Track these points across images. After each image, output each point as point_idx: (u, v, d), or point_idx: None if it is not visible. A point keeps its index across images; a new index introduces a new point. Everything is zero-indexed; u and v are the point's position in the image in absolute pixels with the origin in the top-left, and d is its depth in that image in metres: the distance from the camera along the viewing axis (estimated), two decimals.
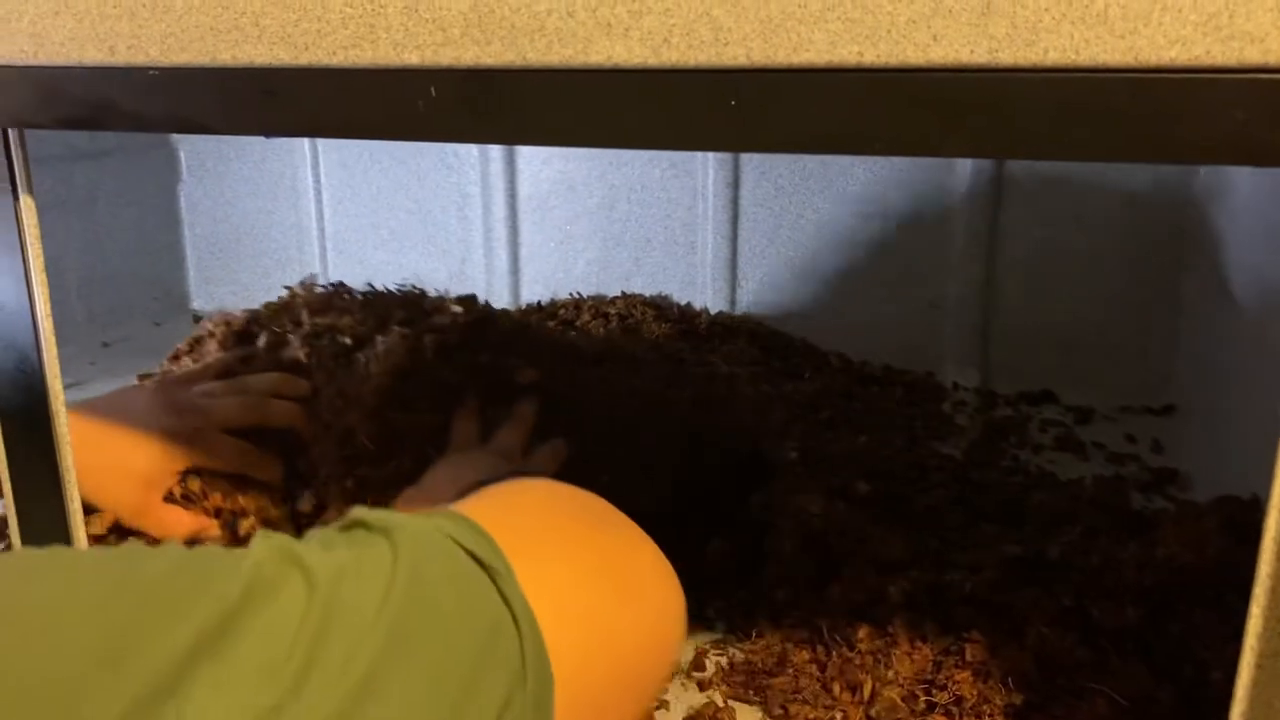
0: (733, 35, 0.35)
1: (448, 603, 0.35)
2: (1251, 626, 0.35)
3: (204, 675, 0.28)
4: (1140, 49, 0.31)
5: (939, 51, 0.33)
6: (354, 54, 0.40)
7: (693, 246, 1.27)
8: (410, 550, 0.36)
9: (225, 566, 0.32)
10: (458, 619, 0.35)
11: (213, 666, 0.29)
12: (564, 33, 0.37)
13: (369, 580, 0.34)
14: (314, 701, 0.30)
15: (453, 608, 0.35)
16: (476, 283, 1.36)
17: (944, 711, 0.56)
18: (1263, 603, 0.35)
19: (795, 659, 0.63)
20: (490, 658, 0.35)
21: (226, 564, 0.32)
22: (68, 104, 0.46)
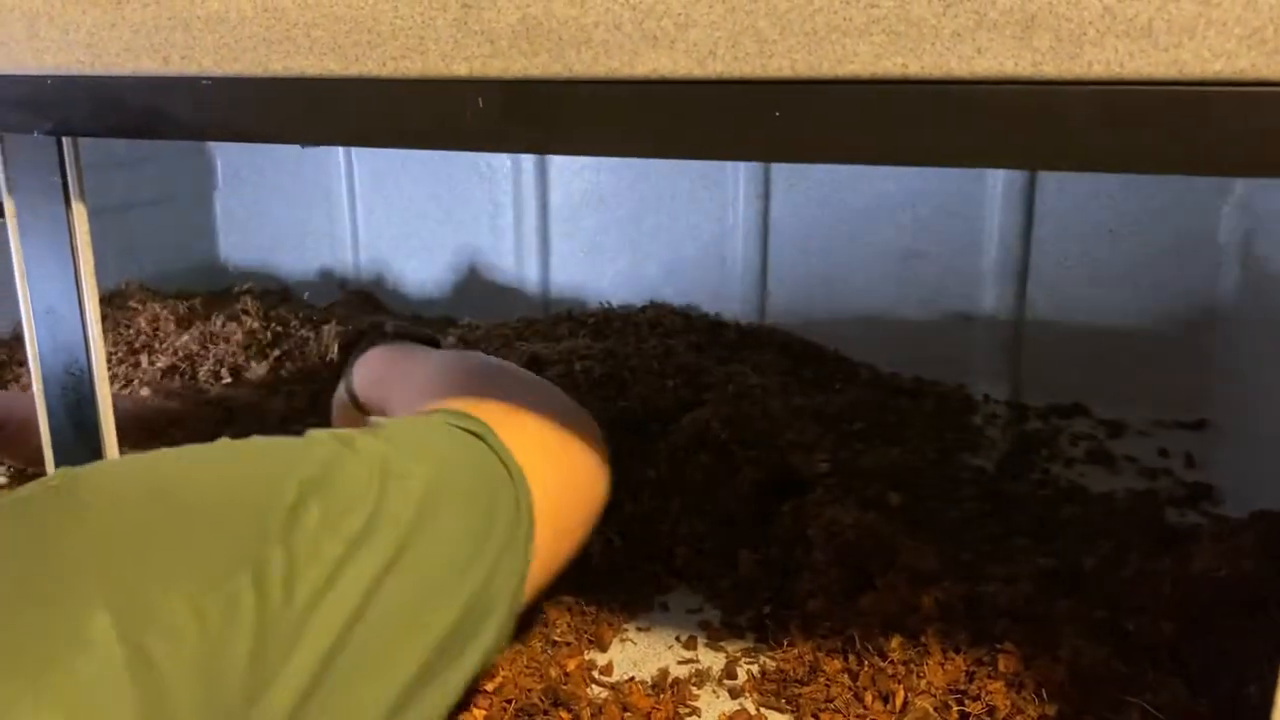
0: (777, 47, 0.35)
1: (461, 462, 0.51)
2: None
3: (312, 507, 0.42)
4: (1184, 62, 0.32)
5: (983, 64, 0.33)
6: (404, 65, 0.41)
7: (722, 257, 1.27)
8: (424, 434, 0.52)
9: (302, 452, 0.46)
10: (470, 472, 0.51)
11: (317, 502, 0.42)
12: (610, 45, 0.38)
13: (404, 450, 0.48)
14: (389, 525, 0.44)
15: (466, 464, 0.51)
16: (506, 292, 1.38)
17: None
18: None
19: (827, 668, 0.63)
20: (497, 501, 0.51)
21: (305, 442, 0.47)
22: (122, 113, 0.47)
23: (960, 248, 1.17)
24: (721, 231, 1.27)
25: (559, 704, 0.59)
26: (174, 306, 1.25)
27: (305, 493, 0.43)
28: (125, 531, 0.38)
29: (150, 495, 0.41)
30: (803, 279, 1.25)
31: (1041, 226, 1.12)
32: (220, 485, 0.43)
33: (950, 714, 0.57)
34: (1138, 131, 0.32)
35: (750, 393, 0.94)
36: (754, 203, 1.23)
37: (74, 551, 0.37)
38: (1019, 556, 0.73)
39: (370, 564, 0.43)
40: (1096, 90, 0.33)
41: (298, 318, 1.21)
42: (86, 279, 0.53)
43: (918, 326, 1.21)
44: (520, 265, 1.36)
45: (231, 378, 1.10)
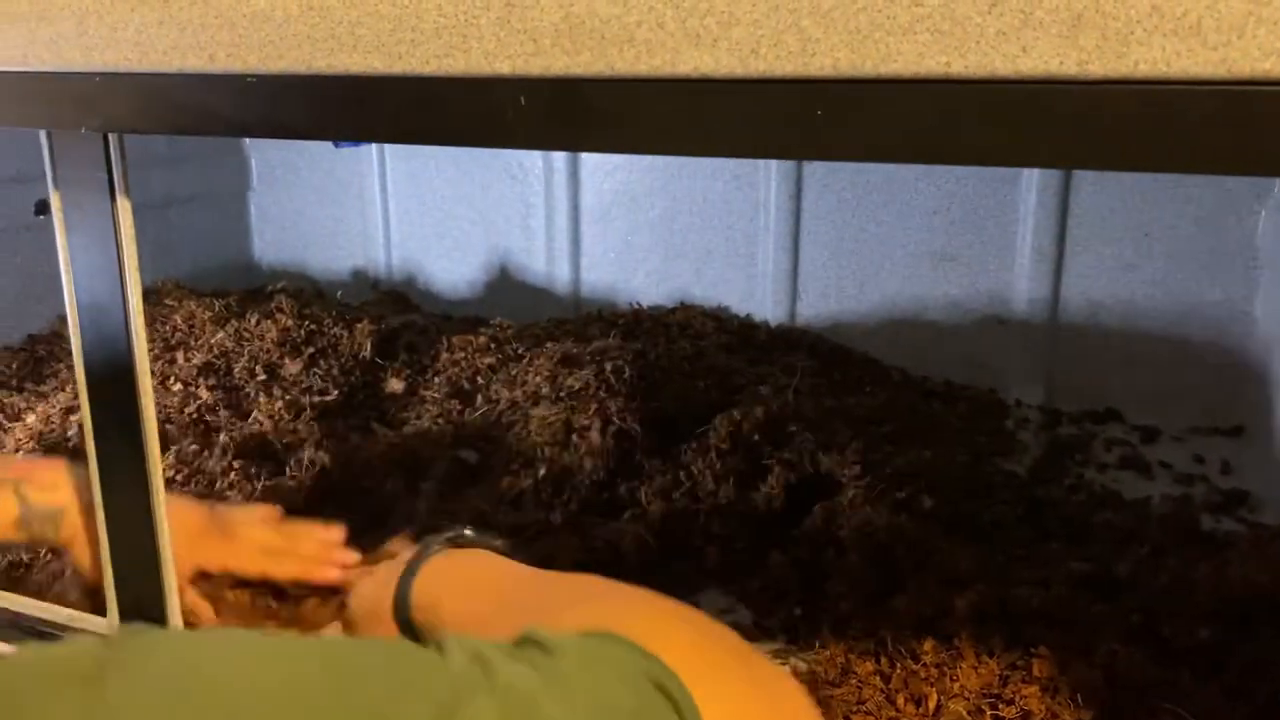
0: (820, 46, 0.35)
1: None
2: None
3: None
4: (1233, 61, 0.31)
5: (1028, 63, 0.33)
6: (446, 63, 0.41)
7: (753, 258, 1.27)
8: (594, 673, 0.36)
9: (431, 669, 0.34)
10: None
11: None
12: (653, 43, 0.38)
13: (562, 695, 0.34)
14: None
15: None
16: (537, 292, 1.38)
17: None
18: None
19: (859, 670, 0.63)
20: None
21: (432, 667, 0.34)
22: (169, 110, 0.47)
23: (993, 251, 1.16)
24: (753, 232, 1.26)
25: None
26: (209, 304, 1.26)
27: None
28: None
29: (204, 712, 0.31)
30: (834, 281, 1.24)
31: (1076, 229, 1.12)
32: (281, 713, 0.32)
33: (984, 718, 0.57)
34: (1185, 131, 0.32)
35: (781, 394, 0.94)
36: (785, 204, 1.23)
37: None
38: (1052, 561, 0.73)
39: None
40: (1144, 89, 0.32)
41: (330, 316, 1.22)
42: (130, 273, 0.54)
43: (949, 329, 1.20)
44: (551, 265, 1.36)
45: (266, 375, 1.11)
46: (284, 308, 1.21)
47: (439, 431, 0.97)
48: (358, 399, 1.09)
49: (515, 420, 0.93)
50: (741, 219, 1.26)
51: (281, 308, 1.21)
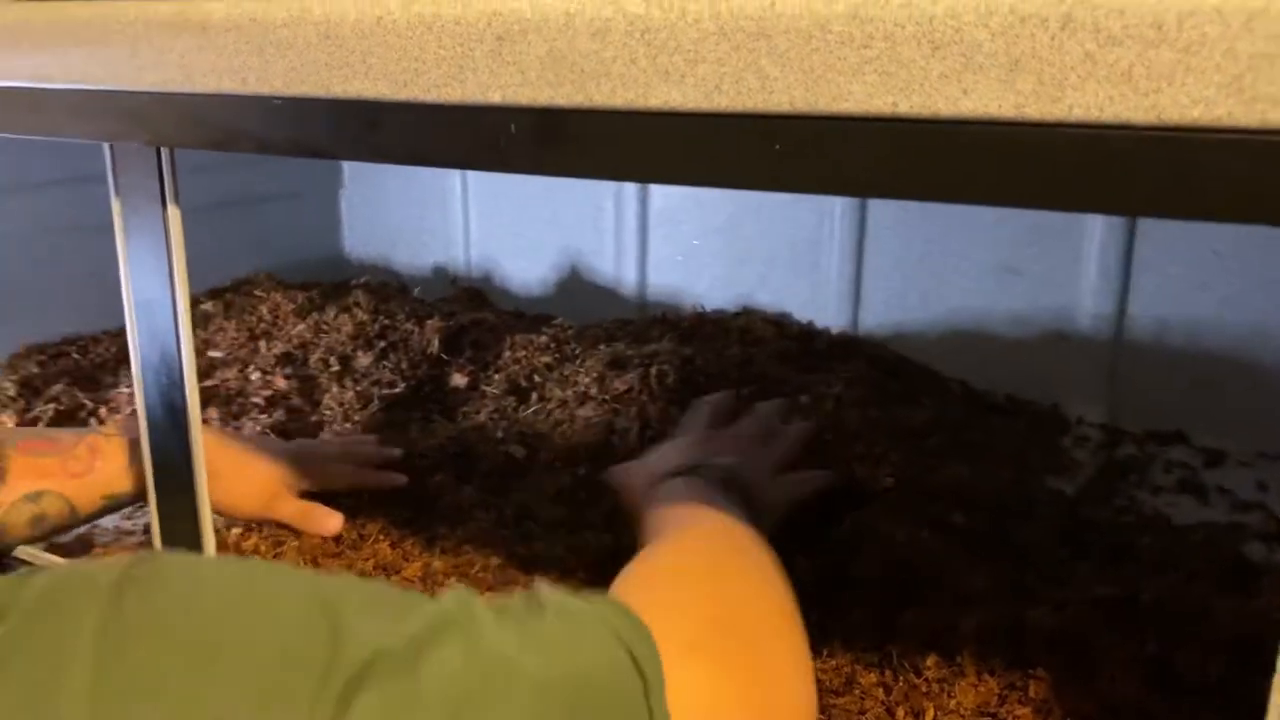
0: (778, 84, 0.37)
1: (597, 703, 0.39)
2: None
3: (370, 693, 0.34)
4: (1163, 108, 0.32)
5: (969, 104, 0.34)
6: (446, 91, 0.44)
7: (817, 266, 1.28)
8: (574, 638, 0.40)
9: (416, 609, 0.38)
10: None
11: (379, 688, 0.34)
12: (627, 78, 0.40)
13: (529, 660, 0.38)
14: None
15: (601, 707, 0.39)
16: (605, 293, 1.41)
17: None
18: None
19: (863, 680, 0.64)
20: None
21: (417, 608, 0.39)
22: (207, 127, 0.51)
23: (1059, 264, 1.14)
24: (817, 240, 1.27)
25: None
26: (293, 296, 1.33)
27: (373, 668, 0.35)
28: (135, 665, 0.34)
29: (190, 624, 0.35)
30: (898, 291, 1.24)
31: (1143, 246, 1.09)
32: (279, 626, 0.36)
33: None
34: (1118, 174, 0.33)
35: (823, 403, 0.95)
36: (850, 213, 1.23)
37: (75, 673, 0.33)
38: (1078, 583, 0.72)
39: None
40: (1078, 133, 0.33)
41: (404, 312, 1.27)
42: (179, 276, 0.58)
43: (1013, 343, 1.19)
44: (619, 267, 1.39)
45: (340, 366, 1.16)
46: (360, 302, 1.27)
47: (492, 426, 1.01)
48: (423, 392, 1.13)
49: (563, 420, 0.96)
50: (806, 226, 1.27)
51: (359, 302, 1.27)
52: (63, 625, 0.34)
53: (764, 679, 0.48)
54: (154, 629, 0.35)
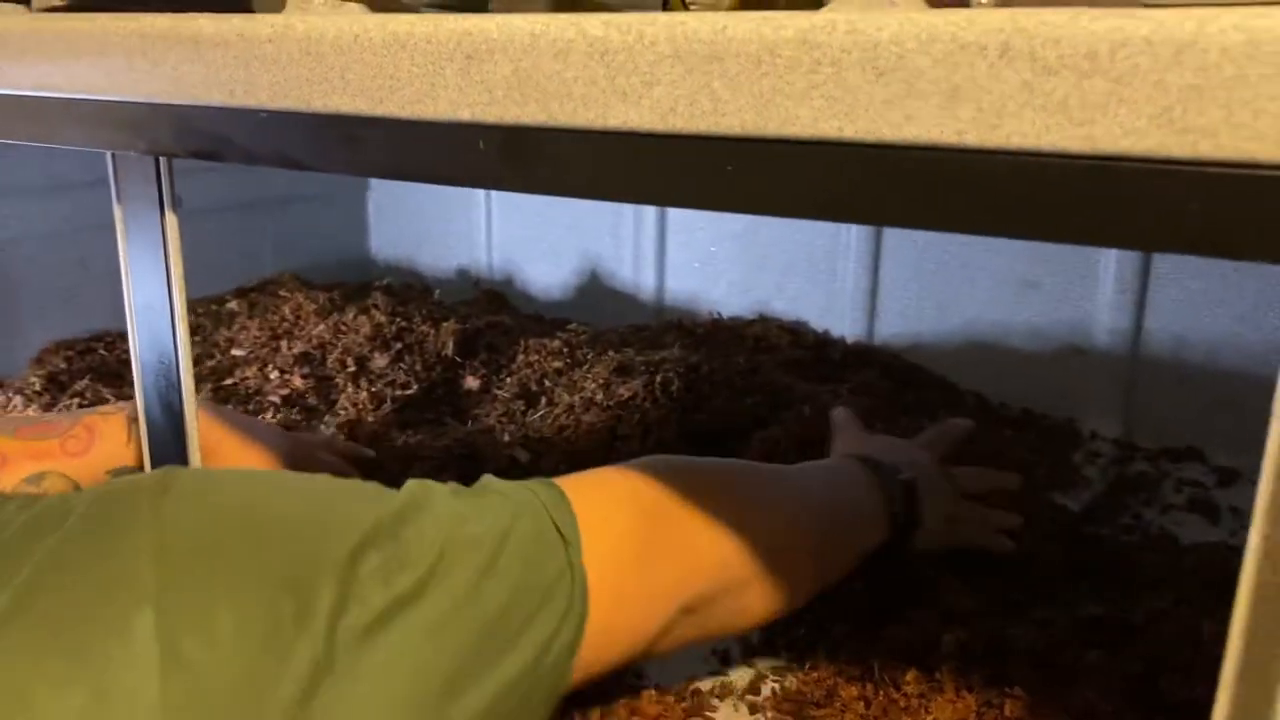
0: (729, 107, 0.38)
1: (531, 554, 0.51)
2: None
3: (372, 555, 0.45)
4: (1097, 138, 0.32)
5: (911, 130, 0.35)
6: (419, 108, 0.45)
7: (834, 274, 1.28)
8: (514, 512, 0.52)
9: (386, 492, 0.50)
10: (536, 567, 0.51)
11: (379, 553, 0.45)
12: (587, 98, 0.41)
13: (482, 523, 0.50)
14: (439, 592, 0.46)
15: (533, 557, 0.51)
16: (623, 298, 1.42)
17: None
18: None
19: (844, 693, 0.64)
20: (550, 597, 0.51)
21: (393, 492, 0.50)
22: (197, 138, 0.53)
23: (1076, 279, 1.13)
24: (834, 249, 1.27)
25: (575, 704, 0.62)
26: (316, 297, 1.35)
27: (370, 540, 0.45)
28: (193, 541, 0.43)
29: (227, 511, 0.45)
30: (913, 301, 1.24)
31: (1161, 262, 1.08)
32: (295, 515, 0.46)
33: None
34: (1054, 202, 0.33)
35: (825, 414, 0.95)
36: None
37: (142, 550, 0.41)
38: (1070, 601, 0.72)
39: (413, 623, 0.45)
40: (1016, 160, 0.33)
41: (421, 314, 1.28)
42: (176, 279, 0.60)
43: (1029, 357, 1.18)
44: (637, 273, 1.40)
45: (356, 366, 1.18)
46: (379, 304, 1.29)
47: (500, 429, 1.02)
48: (436, 394, 1.15)
49: (568, 425, 0.97)
50: (823, 235, 1.27)
51: (377, 304, 1.29)
52: (119, 521, 0.43)
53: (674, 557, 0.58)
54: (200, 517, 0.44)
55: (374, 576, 0.44)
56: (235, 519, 0.45)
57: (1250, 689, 0.35)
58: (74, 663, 0.38)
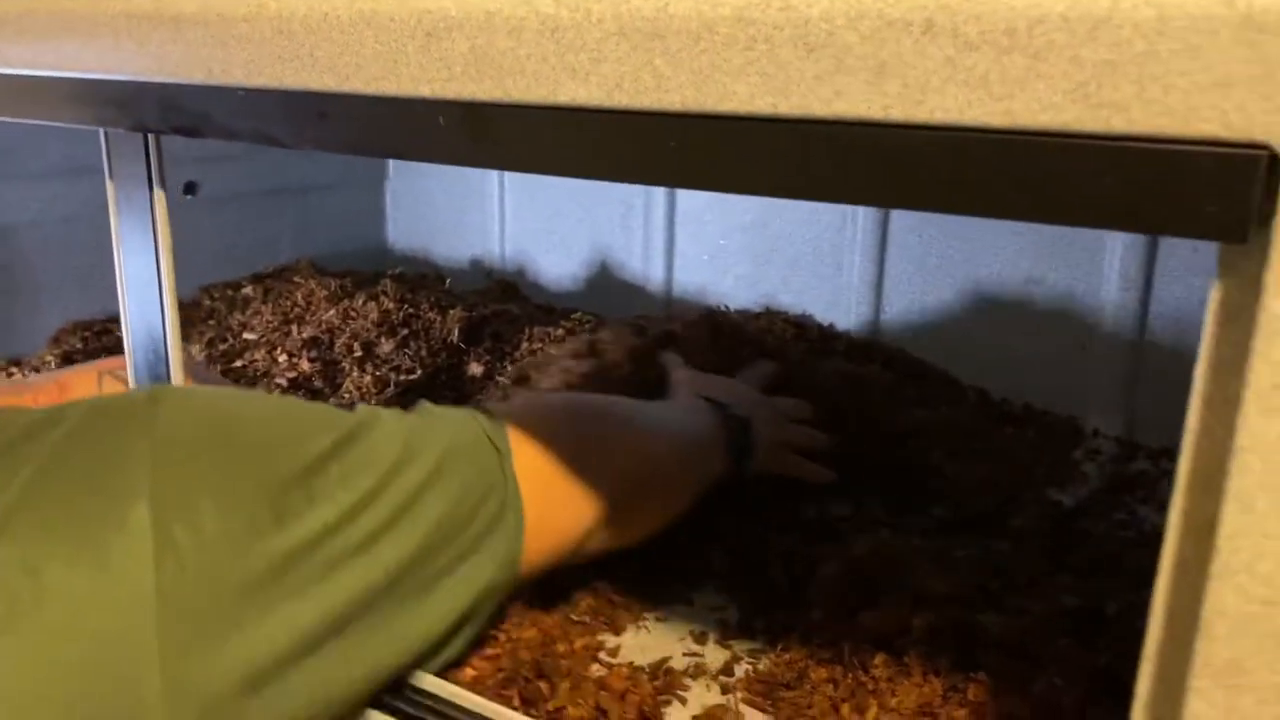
0: (671, 83, 0.39)
1: (471, 460, 0.59)
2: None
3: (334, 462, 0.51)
4: (1016, 113, 0.33)
5: (841, 106, 0.35)
6: (383, 84, 0.46)
7: (839, 268, 1.28)
8: (454, 428, 0.60)
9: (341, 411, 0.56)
10: (476, 471, 0.59)
11: (340, 462, 0.52)
12: (539, 75, 0.42)
13: (428, 436, 0.57)
14: (394, 491, 0.53)
15: (473, 463, 0.59)
16: (633, 289, 1.43)
17: None
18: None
19: (814, 676, 0.64)
20: (489, 497, 0.58)
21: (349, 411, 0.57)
22: (180, 114, 0.54)
23: (1080, 274, 1.13)
24: (840, 243, 1.27)
25: (542, 675, 0.63)
26: (327, 283, 1.37)
27: (334, 448, 0.52)
28: (182, 444, 0.48)
29: (212, 421, 0.51)
30: (918, 296, 1.24)
31: (1166, 258, 1.07)
32: (269, 427, 0.52)
33: None
34: (976, 177, 0.34)
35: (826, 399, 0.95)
36: (873, 215, 1.23)
37: (138, 452, 0.47)
38: (1048, 593, 0.72)
39: (372, 519, 0.52)
40: (939, 135, 0.34)
41: (429, 301, 1.30)
42: (164, 255, 0.62)
43: (1033, 352, 1.17)
44: (647, 264, 1.41)
45: (363, 351, 1.20)
46: (388, 291, 1.30)
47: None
48: (440, 379, 1.16)
49: None
50: (829, 229, 1.27)
51: (386, 291, 1.31)
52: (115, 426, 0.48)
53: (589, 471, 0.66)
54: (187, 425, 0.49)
55: (337, 480, 0.51)
56: (218, 427, 0.50)
57: (1169, 661, 0.35)
58: (80, 547, 0.44)
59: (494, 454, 0.60)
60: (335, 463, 0.52)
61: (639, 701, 0.63)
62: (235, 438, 0.50)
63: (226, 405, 0.53)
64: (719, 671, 0.68)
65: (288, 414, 0.54)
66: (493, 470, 0.59)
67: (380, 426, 0.56)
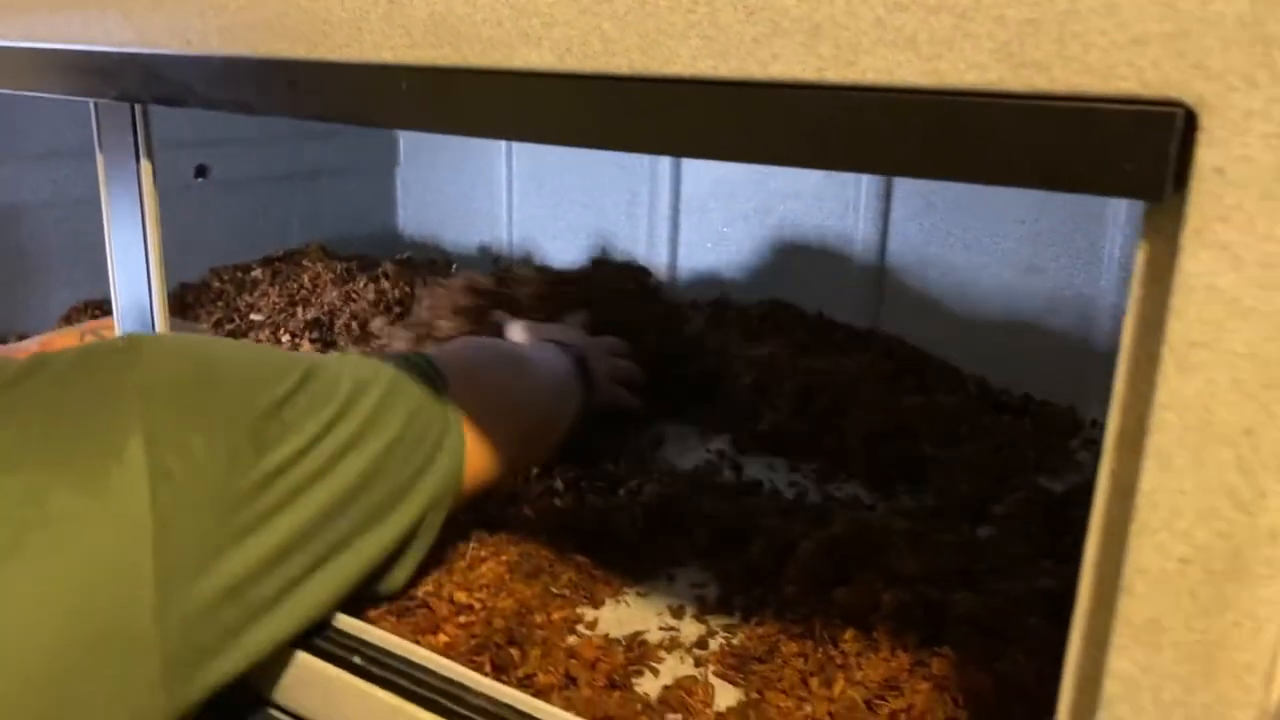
0: (618, 47, 0.39)
1: (417, 387, 0.66)
2: None
3: (301, 398, 0.58)
4: (944, 73, 0.33)
5: (778, 68, 0.36)
6: (348, 51, 0.47)
7: (841, 257, 1.28)
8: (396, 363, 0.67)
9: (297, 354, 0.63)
10: (421, 399, 0.65)
11: (304, 395, 0.58)
12: (495, 40, 0.42)
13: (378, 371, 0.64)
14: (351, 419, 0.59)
15: (419, 391, 0.66)
16: None
17: (891, 716, 0.57)
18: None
19: (785, 650, 0.65)
20: (431, 422, 0.65)
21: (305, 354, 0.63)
22: (161, 85, 0.56)
23: (1081, 263, 1.13)
24: (842, 231, 1.27)
25: (514, 642, 0.64)
26: (334, 266, 1.38)
27: (299, 384, 0.58)
28: (166, 382, 0.53)
29: (192, 362, 0.56)
30: (918, 285, 1.24)
31: None
32: (242, 368, 0.58)
33: (876, 706, 0.59)
34: (906, 136, 0.34)
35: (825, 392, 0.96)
36: (874, 204, 1.23)
37: (128, 390, 0.52)
38: (1025, 575, 0.72)
39: (333, 443, 0.58)
40: (871, 96, 0.35)
41: (422, 282, 1.31)
42: (150, 223, 0.63)
43: (1033, 343, 1.17)
44: (651, 251, 1.41)
45: (359, 331, 1.21)
46: (389, 273, 1.32)
47: None
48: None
49: None
50: (831, 217, 1.27)
51: (386, 273, 1.32)
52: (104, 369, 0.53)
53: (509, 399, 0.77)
54: (169, 366, 0.54)
55: (304, 411, 0.57)
56: (198, 368, 0.56)
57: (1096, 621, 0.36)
58: (81, 477, 0.48)
59: (434, 383, 0.67)
60: (301, 396, 0.57)
61: (609, 670, 0.63)
62: (214, 377, 0.56)
63: (199, 349, 0.58)
64: (693, 645, 0.68)
65: (254, 356, 0.60)
66: (434, 397, 0.66)
67: (333, 365, 0.62)
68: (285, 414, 0.56)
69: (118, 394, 0.51)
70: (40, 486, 0.47)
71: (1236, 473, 0.31)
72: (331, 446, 0.58)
